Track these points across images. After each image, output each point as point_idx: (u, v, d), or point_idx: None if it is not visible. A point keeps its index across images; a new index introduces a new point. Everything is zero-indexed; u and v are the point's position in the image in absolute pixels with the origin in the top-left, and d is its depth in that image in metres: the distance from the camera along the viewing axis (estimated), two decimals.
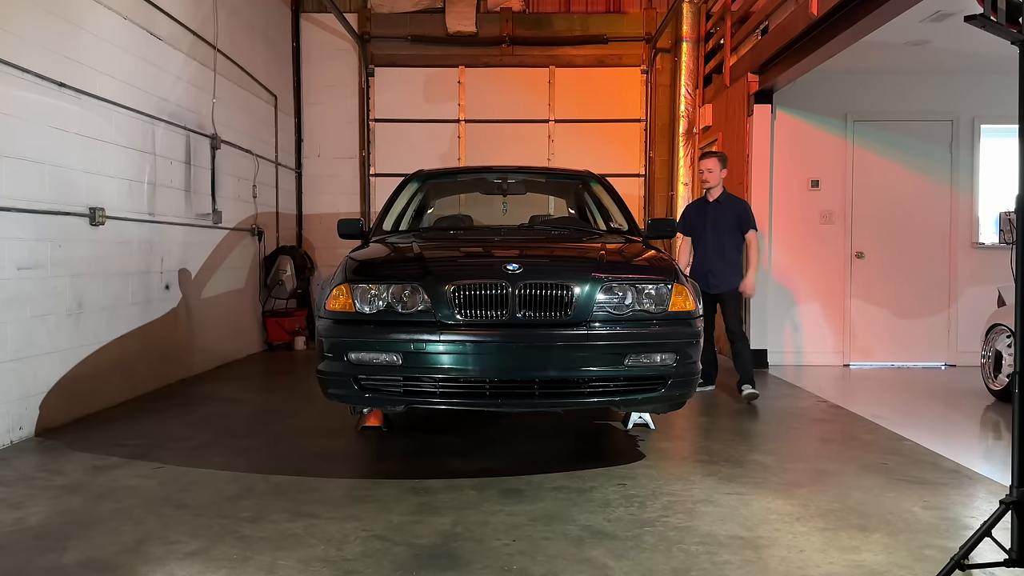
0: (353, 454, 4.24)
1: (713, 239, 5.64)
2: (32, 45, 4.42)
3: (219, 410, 5.32)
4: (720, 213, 5.68)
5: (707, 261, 5.66)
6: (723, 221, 5.65)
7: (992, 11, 2.33)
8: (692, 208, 6.00)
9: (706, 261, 5.66)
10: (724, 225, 5.64)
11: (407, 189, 5.34)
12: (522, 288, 3.54)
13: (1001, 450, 4.38)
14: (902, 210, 7.51)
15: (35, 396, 4.49)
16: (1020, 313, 2.40)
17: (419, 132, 9.84)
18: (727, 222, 5.64)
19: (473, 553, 2.76)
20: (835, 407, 5.48)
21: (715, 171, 5.68)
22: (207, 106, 6.82)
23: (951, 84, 7.41)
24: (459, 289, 3.54)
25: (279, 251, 8.73)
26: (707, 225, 5.70)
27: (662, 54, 9.74)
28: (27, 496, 3.39)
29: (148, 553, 2.77)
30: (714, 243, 5.64)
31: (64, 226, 4.74)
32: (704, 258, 5.69)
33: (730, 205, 5.70)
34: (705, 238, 5.69)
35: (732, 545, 2.86)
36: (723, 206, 5.69)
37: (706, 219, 5.72)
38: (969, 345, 7.15)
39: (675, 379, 3.62)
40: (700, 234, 5.74)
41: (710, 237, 5.66)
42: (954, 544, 2.70)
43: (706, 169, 5.71)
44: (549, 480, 3.63)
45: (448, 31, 9.67)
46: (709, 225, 5.69)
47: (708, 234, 5.67)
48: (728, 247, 5.63)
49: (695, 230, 5.81)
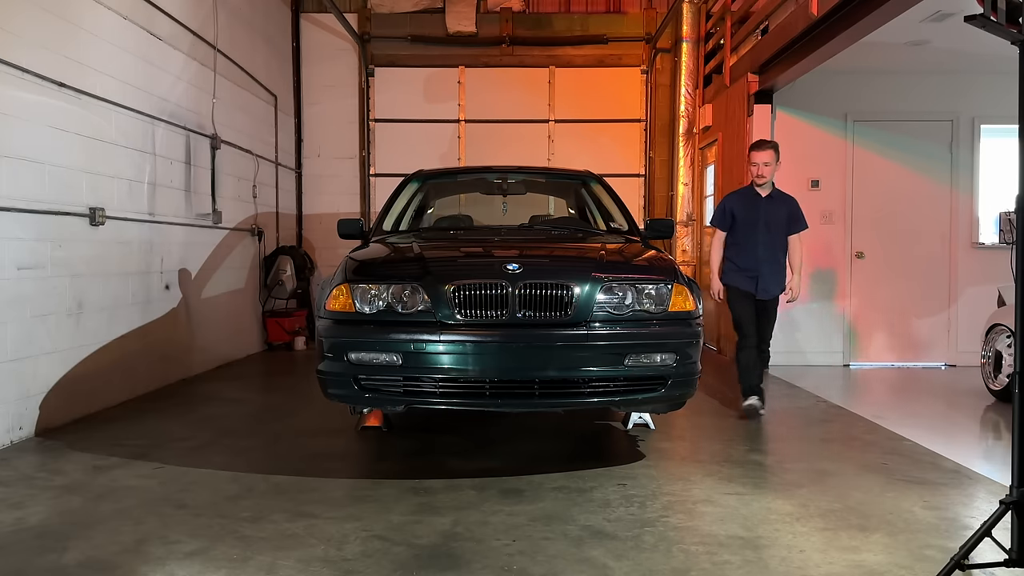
0: (353, 454, 4.24)
1: (765, 239, 5.05)
2: (32, 45, 4.42)
3: (219, 410, 5.32)
4: (774, 210, 5.09)
5: (757, 263, 5.04)
6: (777, 219, 5.08)
7: (992, 11, 2.33)
8: (736, 202, 5.21)
9: (756, 263, 5.04)
10: (777, 224, 5.08)
11: (407, 189, 5.34)
12: (522, 288, 3.54)
13: (1001, 450, 4.38)
14: (902, 210, 7.50)
15: (35, 396, 4.49)
16: (1020, 313, 2.40)
17: (419, 132, 9.84)
18: (780, 220, 5.09)
19: (473, 553, 2.76)
20: (835, 407, 5.48)
21: (771, 164, 5.06)
22: (207, 106, 6.82)
23: (951, 84, 7.41)
24: (459, 289, 3.54)
25: (279, 251, 8.73)
26: (758, 223, 5.07)
27: (662, 54, 9.74)
28: (27, 496, 3.39)
29: (148, 553, 2.77)
30: (767, 243, 5.05)
31: (64, 226, 4.74)
32: (753, 259, 5.06)
33: (783, 202, 5.14)
34: (755, 238, 5.08)
35: (732, 545, 2.86)
36: (776, 203, 5.12)
37: (757, 216, 5.08)
38: (969, 345, 7.15)
39: (675, 379, 3.62)
40: (748, 233, 5.11)
41: (762, 237, 5.05)
42: (954, 544, 2.70)
43: (761, 163, 5.03)
44: (549, 480, 3.63)
45: (448, 31, 9.67)
46: (761, 224, 5.06)
47: (760, 234, 5.06)
48: (780, 248, 5.11)
49: (741, 227, 5.15)
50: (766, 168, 5.03)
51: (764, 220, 5.06)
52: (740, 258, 5.12)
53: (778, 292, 5.09)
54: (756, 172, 5.06)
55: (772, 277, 5.06)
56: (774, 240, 5.07)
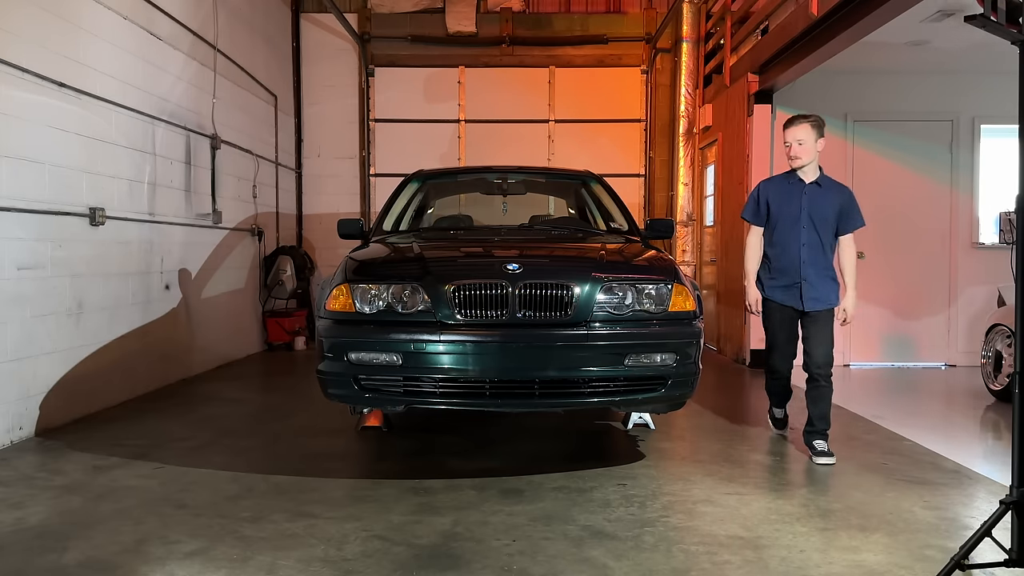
0: (353, 454, 4.24)
1: (808, 236, 4.12)
2: (32, 45, 4.42)
3: (219, 410, 5.32)
4: (819, 201, 4.12)
5: (797, 265, 4.14)
6: (823, 213, 4.11)
7: (992, 11, 2.33)
8: (772, 189, 4.28)
9: (795, 265, 4.14)
10: (823, 219, 4.11)
11: (407, 189, 5.34)
12: (522, 288, 3.54)
13: (1001, 450, 4.38)
14: (902, 210, 7.50)
15: (35, 396, 4.49)
16: (1020, 313, 2.40)
17: (419, 132, 9.84)
18: (827, 215, 4.11)
19: (473, 553, 2.76)
20: (835, 407, 5.45)
21: (808, 143, 4.07)
22: (207, 106, 6.82)
23: (951, 84, 7.41)
24: (459, 289, 3.54)
25: (279, 251, 8.73)
26: (799, 216, 4.13)
27: (662, 54, 9.74)
28: (27, 496, 3.39)
29: (148, 553, 2.77)
30: (809, 241, 4.12)
31: (64, 226, 4.74)
32: (791, 261, 4.15)
33: (834, 192, 4.14)
34: (794, 233, 4.15)
35: (732, 545, 2.86)
36: (824, 192, 4.13)
37: (799, 207, 4.14)
38: (969, 345, 7.15)
39: (675, 379, 3.61)
40: (787, 229, 4.18)
41: (804, 233, 4.13)
42: (954, 544, 2.70)
43: (794, 141, 4.08)
44: (549, 480, 3.63)
45: (448, 31, 9.67)
46: (804, 217, 4.13)
47: (800, 229, 4.13)
48: (827, 249, 4.14)
49: (777, 221, 4.21)
50: (800, 148, 4.07)
51: (808, 212, 4.12)
52: (778, 262, 4.21)
53: (828, 304, 4.14)
54: (789, 153, 4.14)
55: (819, 284, 4.11)
56: (819, 239, 4.12)
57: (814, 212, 4.11)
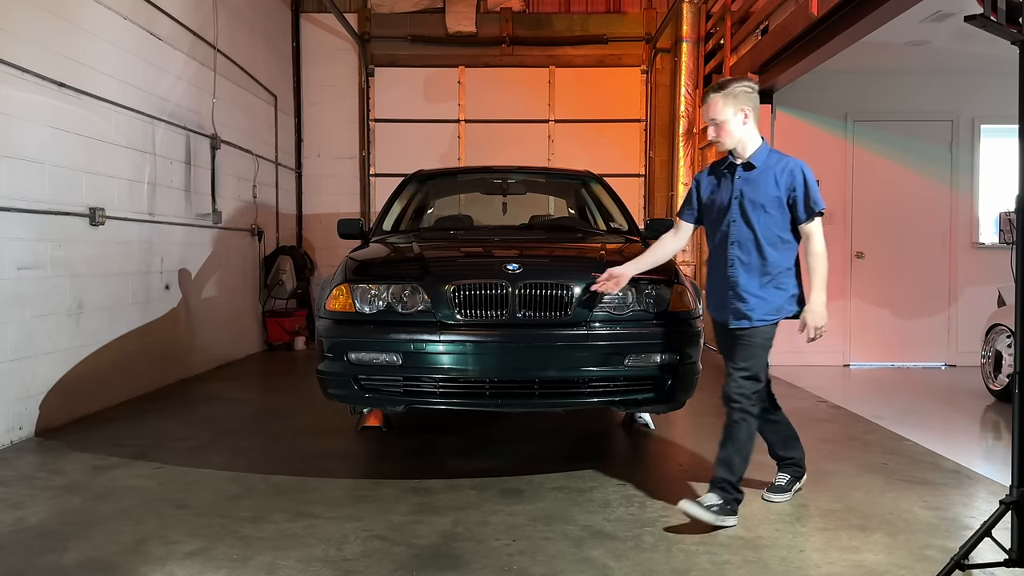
0: (353, 454, 4.24)
1: (738, 232, 3.20)
2: (32, 45, 4.41)
3: (219, 410, 5.32)
4: (752, 187, 3.19)
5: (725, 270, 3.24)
6: (757, 200, 3.18)
7: (992, 11, 2.33)
8: (704, 179, 3.40)
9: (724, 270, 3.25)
10: (758, 207, 3.17)
11: (407, 189, 5.34)
12: (522, 288, 3.54)
13: (1001, 450, 4.38)
14: (902, 210, 7.50)
15: (35, 396, 4.49)
16: (1020, 313, 2.40)
17: (419, 132, 9.84)
18: (768, 200, 3.17)
19: (473, 553, 2.76)
20: (835, 407, 5.48)
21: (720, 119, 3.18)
22: (207, 106, 6.82)
23: (951, 84, 7.40)
24: (459, 289, 3.54)
25: (279, 251, 8.73)
26: (729, 207, 3.23)
27: (662, 54, 9.73)
28: (27, 496, 3.39)
29: (148, 553, 2.77)
30: (740, 238, 3.19)
31: (64, 226, 4.74)
32: (719, 264, 3.28)
33: (776, 171, 3.18)
34: (723, 229, 3.26)
35: (732, 545, 2.86)
36: (760, 174, 3.19)
37: (729, 196, 3.23)
38: (969, 345, 7.14)
39: (675, 379, 3.62)
40: (714, 223, 3.31)
41: (733, 229, 3.21)
42: (954, 544, 2.70)
43: (709, 121, 3.23)
44: (549, 480, 3.63)
45: (448, 31, 9.67)
46: (734, 208, 3.21)
47: (730, 223, 3.22)
48: (766, 245, 3.17)
49: (708, 216, 3.36)
50: (717, 129, 3.21)
51: (738, 203, 3.20)
52: (710, 266, 3.37)
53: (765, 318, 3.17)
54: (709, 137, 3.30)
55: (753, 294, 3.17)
56: (754, 235, 3.17)
57: (747, 201, 3.19)
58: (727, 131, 3.20)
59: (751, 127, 3.20)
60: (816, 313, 3.17)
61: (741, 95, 3.18)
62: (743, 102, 3.18)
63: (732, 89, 3.19)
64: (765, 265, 3.18)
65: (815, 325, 3.17)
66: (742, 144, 3.21)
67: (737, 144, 3.21)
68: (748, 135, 3.20)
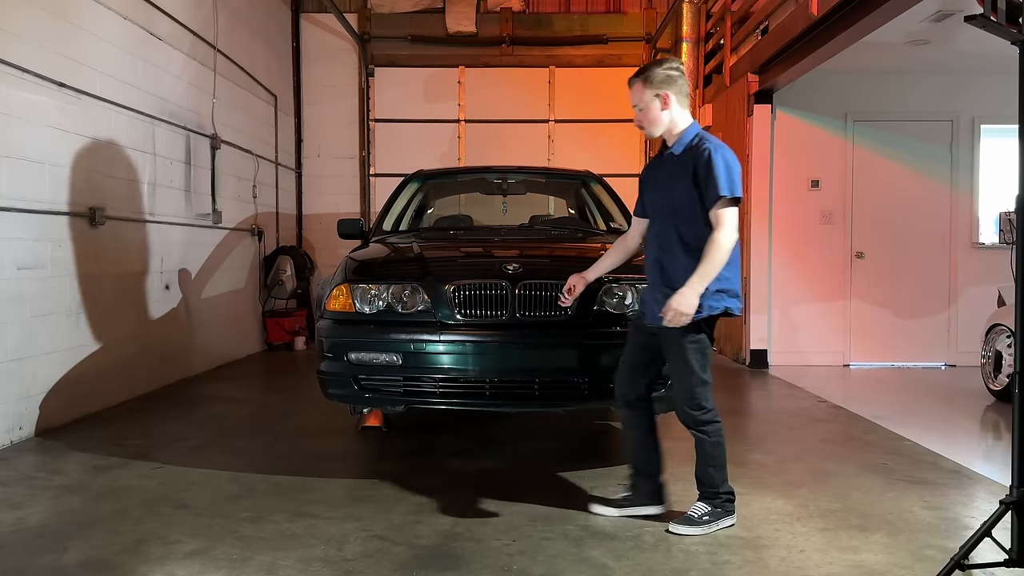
0: (353, 454, 4.24)
1: (660, 224, 3.10)
2: (32, 45, 4.41)
3: (219, 410, 5.32)
4: (671, 175, 3.07)
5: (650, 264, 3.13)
6: (673, 189, 3.04)
7: (992, 11, 2.33)
8: (646, 171, 3.33)
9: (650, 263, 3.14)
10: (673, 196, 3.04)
11: (407, 189, 5.34)
12: (522, 288, 3.54)
13: (1001, 450, 4.38)
14: (902, 210, 7.50)
15: (35, 396, 4.49)
16: (1020, 313, 2.40)
17: (419, 132, 9.84)
18: (678, 190, 3.01)
19: (473, 553, 2.76)
20: (835, 407, 5.48)
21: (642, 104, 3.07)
22: (207, 106, 6.82)
23: (951, 84, 7.40)
24: (459, 289, 3.54)
25: (279, 251, 8.73)
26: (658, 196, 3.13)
27: (662, 54, 9.73)
28: (27, 496, 3.39)
29: (148, 553, 2.77)
30: (661, 231, 3.09)
31: (64, 226, 4.74)
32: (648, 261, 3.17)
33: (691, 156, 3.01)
34: (652, 222, 3.17)
35: (732, 545, 2.86)
36: (679, 161, 3.05)
37: (658, 187, 3.14)
38: (969, 345, 7.14)
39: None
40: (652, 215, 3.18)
41: (657, 221, 3.13)
42: (954, 544, 2.70)
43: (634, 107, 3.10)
44: (549, 480, 3.63)
45: (448, 31, 9.67)
46: (659, 198, 3.12)
47: (656, 215, 3.14)
48: (687, 238, 2.99)
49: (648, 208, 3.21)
50: (641, 115, 3.08)
51: (661, 193, 3.11)
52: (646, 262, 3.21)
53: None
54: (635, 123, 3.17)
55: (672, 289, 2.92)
56: (673, 227, 3.02)
57: (667, 191, 3.07)
58: (649, 118, 3.06)
59: (677, 112, 3.05)
60: (681, 297, 2.86)
61: (661, 79, 3.03)
62: (663, 86, 3.02)
63: (651, 74, 3.04)
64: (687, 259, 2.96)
65: (675, 307, 2.85)
66: (669, 131, 3.08)
67: (664, 131, 3.08)
68: (674, 121, 3.06)
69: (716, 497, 3.04)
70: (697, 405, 3.00)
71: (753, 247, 7.32)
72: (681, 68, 3.11)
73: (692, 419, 3.03)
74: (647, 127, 3.10)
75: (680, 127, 3.07)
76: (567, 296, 3.37)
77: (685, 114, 3.08)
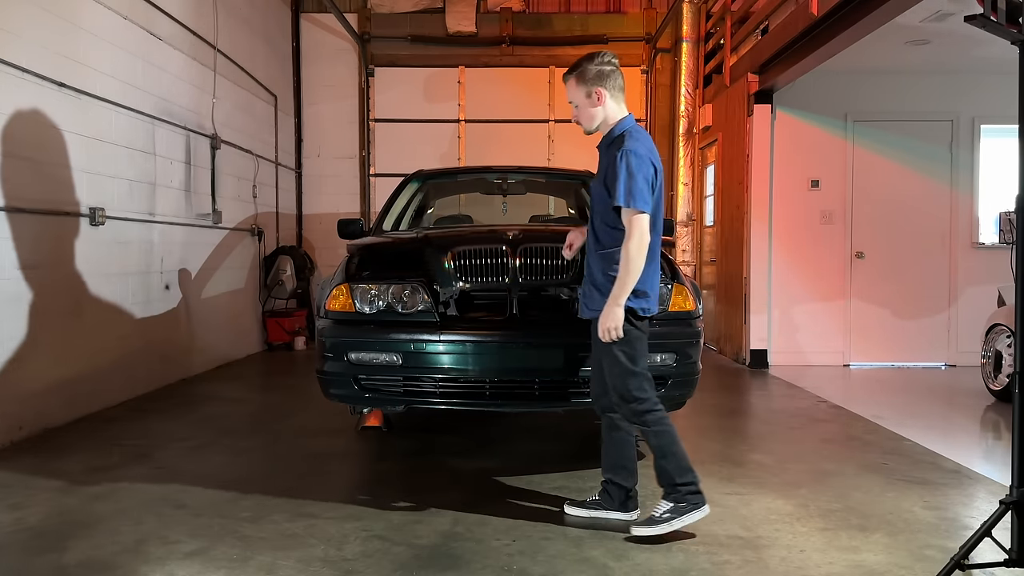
0: (353, 454, 4.24)
1: (591, 219, 3.12)
2: (32, 45, 4.41)
3: (219, 410, 5.32)
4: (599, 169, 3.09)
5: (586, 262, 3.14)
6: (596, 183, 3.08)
7: (992, 11, 2.33)
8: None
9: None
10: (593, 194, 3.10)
11: (407, 189, 5.34)
12: (522, 255, 3.56)
13: (1001, 450, 4.38)
14: (902, 210, 7.50)
15: (35, 396, 4.49)
16: (1020, 313, 2.40)
17: (419, 132, 9.84)
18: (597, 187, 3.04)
19: (473, 553, 2.76)
20: (835, 407, 5.48)
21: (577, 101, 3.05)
22: (207, 106, 6.82)
23: (951, 84, 7.41)
24: (459, 256, 3.57)
25: (279, 251, 8.73)
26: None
27: (662, 54, 9.74)
28: (27, 496, 3.39)
29: (148, 553, 2.77)
30: (591, 227, 3.10)
31: (64, 226, 4.74)
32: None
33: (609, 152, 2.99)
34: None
35: (732, 545, 2.86)
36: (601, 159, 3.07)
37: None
38: (969, 345, 7.15)
39: (675, 379, 3.61)
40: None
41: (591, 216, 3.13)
42: (954, 544, 2.70)
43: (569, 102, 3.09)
44: (549, 480, 3.63)
45: (448, 31, 9.67)
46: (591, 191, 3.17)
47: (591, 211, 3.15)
48: (603, 235, 3.01)
49: None
50: (577, 112, 3.07)
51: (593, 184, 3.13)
52: None
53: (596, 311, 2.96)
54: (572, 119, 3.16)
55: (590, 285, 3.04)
56: (593, 224, 3.07)
57: (593, 187, 3.10)
58: (583, 114, 3.03)
59: (612, 107, 3.01)
60: (608, 312, 2.86)
61: (593, 75, 2.98)
62: (596, 82, 2.98)
63: (584, 70, 3.00)
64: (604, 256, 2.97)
65: (604, 325, 2.87)
66: (605, 126, 3.04)
67: (601, 126, 3.04)
68: (608, 116, 3.02)
69: (675, 491, 2.94)
70: (631, 397, 2.93)
71: (753, 247, 7.32)
72: (615, 62, 3.05)
73: (630, 412, 2.96)
74: (583, 123, 3.07)
75: (611, 122, 3.03)
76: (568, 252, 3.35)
77: (620, 108, 3.04)
